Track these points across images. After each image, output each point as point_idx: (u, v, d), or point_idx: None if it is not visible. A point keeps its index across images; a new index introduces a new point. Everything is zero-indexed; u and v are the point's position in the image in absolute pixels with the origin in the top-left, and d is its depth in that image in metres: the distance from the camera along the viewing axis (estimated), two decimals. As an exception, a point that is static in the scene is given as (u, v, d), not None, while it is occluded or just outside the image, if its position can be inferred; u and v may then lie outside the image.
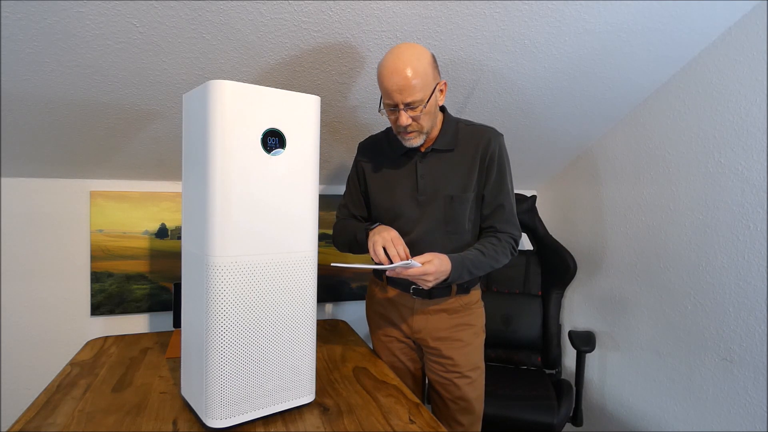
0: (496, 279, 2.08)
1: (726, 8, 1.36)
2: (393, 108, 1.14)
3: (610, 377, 1.96)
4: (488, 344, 1.35)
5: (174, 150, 1.63)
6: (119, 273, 1.77)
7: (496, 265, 1.22)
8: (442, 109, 1.29)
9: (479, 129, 1.26)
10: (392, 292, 1.35)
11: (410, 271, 1.07)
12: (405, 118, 1.13)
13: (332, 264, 1.16)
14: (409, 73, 1.08)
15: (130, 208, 1.77)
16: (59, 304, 1.72)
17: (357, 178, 1.39)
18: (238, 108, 0.90)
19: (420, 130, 1.17)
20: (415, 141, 1.19)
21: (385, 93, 1.13)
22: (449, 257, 1.12)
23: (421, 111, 1.13)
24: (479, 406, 1.34)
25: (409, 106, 1.12)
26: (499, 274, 2.07)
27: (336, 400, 1.11)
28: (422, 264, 1.07)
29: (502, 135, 1.27)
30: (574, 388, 1.85)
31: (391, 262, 1.11)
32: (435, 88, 1.15)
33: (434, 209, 1.24)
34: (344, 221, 1.40)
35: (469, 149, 1.24)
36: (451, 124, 1.27)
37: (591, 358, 2.06)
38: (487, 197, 1.25)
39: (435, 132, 1.25)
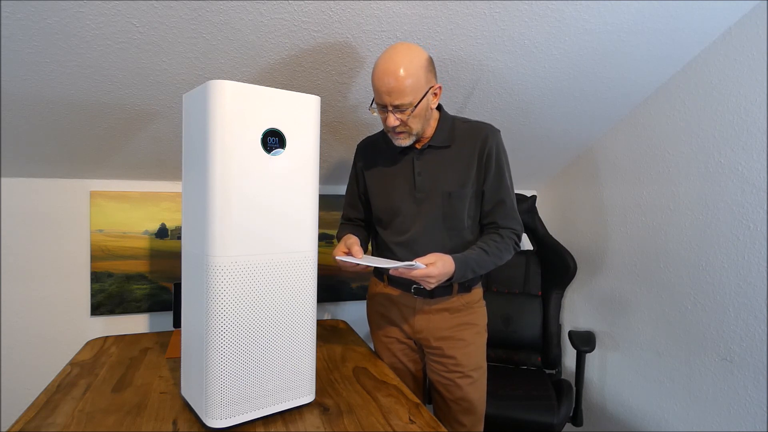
0: (496, 279, 2.08)
1: (726, 8, 1.36)
2: (382, 108, 1.15)
3: (610, 377, 1.96)
4: (488, 344, 1.35)
5: (174, 150, 1.63)
6: (119, 273, 1.77)
7: (500, 262, 1.22)
8: (439, 107, 1.28)
9: (476, 125, 1.26)
10: (393, 292, 1.35)
11: (413, 273, 1.07)
12: (392, 120, 1.13)
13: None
14: (400, 75, 1.07)
15: (130, 208, 1.77)
16: (59, 304, 1.72)
17: (356, 179, 1.40)
18: (238, 108, 0.90)
19: (409, 131, 1.17)
20: (404, 141, 1.20)
21: (376, 92, 1.13)
22: (453, 258, 1.12)
23: (410, 114, 1.13)
24: (481, 407, 1.33)
25: (397, 108, 1.12)
26: (499, 273, 2.07)
27: (336, 400, 1.11)
28: (426, 266, 1.06)
29: (500, 131, 1.27)
30: (574, 388, 1.84)
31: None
32: (427, 92, 1.13)
33: (432, 206, 1.24)
34: (341, 226, 1.43)
35: (466, 145, 1.23)
36: (447, 121, 1.26)
37: (591, 358, 2.05)
38: (487, 193, 1.25)
39: (431, 130, 1.25)
